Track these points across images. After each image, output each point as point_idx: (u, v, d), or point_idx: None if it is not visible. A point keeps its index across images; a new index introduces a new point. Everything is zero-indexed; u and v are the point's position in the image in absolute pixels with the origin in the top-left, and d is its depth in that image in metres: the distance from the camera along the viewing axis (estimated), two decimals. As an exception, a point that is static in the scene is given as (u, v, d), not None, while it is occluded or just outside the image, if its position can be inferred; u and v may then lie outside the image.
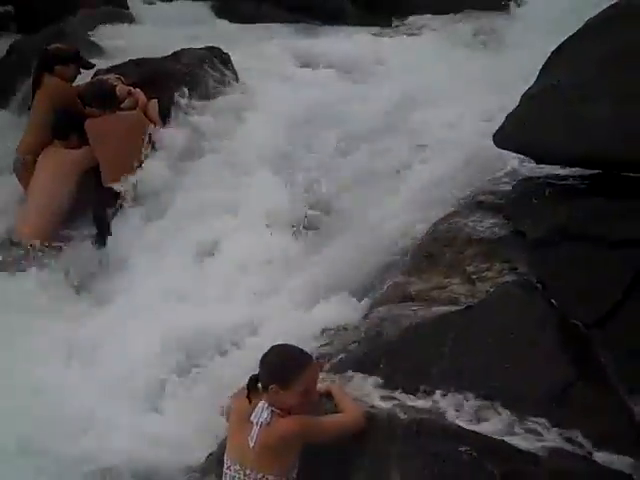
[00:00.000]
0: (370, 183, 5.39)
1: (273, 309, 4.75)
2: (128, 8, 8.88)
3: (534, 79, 4.23)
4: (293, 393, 3.17)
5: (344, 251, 4.96)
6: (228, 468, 3.25)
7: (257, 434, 3.17)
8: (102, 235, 5.90)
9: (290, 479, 3.23)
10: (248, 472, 3.18)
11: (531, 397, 3.41)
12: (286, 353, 3.26)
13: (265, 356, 3.24)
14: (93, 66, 6.51)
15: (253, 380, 3.24)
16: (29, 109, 6.35)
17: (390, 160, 5.48)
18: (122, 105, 6.04)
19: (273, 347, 3.28)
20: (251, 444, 3.17)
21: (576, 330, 3.59)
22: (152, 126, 5.97)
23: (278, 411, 3.19)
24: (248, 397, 3.24)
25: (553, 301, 3.67)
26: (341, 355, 3.83)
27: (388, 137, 5.73)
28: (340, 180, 5.55)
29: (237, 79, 6.80)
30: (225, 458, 3.30)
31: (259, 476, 3.17)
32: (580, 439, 3.24)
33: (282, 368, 3.19)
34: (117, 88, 6.07)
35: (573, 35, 4.32)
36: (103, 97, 6.00)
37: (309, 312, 4.56)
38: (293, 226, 5.36)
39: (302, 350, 3.36)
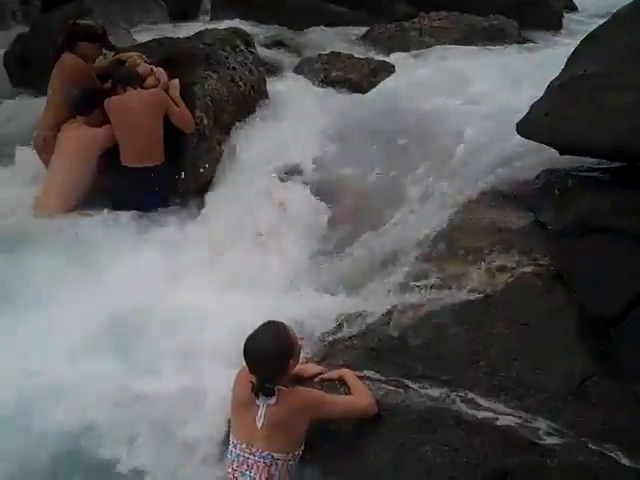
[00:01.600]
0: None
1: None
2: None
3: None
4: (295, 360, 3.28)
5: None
6: (234, 446, 3.26)
7: (264, 414, 3.17)
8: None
9: (297, 456, 3.24)
10: (254, 450, 3.20)
11: (547, 389, 3.39)
12: (275, 333, 3.25)
13: (262, 350, 3.20)
14: (117, 49, 6.50)
15: (262, 383, 3.20)
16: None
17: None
18: (144, 84, 6.02)
19: (256, 341, 3.23)
20: (259, 425, 3.17)
21: (595, 323, 3.55)
22: (174, 106, 5.94)
23: (284, 388, 3.19)
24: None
25: (572, 293, 3.63)
26: (355, 341, 3.81)
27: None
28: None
29: (259, 61, 6.76)
30: (231, 436, 3.30)
31: (265, 454, 3.18)
32: (596, 434, 3.22)
33: (287, 345, 3.23)
34: (140, 67, 6.06)
35: (602, 25, 4.25)
36: (126, 75, 5.99)
37: (324, 298, 4.56)
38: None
39: (273, 322, 3.34)
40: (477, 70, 6.87)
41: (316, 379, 3.52)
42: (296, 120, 6.42)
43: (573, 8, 10.67)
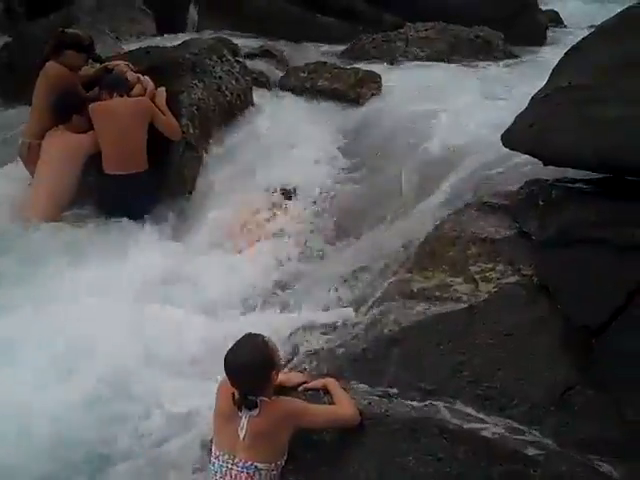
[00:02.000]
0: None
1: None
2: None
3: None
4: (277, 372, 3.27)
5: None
6: (216, 458, 3.24)
7: (246, 425, 3.16)
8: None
9: (279, 466, 3.23)
10: (237, 461, 3.18)
11: (531, 399, 3.39)
12: (255, 346, 3.23)
13: (242, 363, 3.18)
14: (103, 60, 6.49)
15: (244, 396, 3.18)
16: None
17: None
18: (131, 92, 6.01)
19: (236, 353, 3.21)
20: (241, 436, 3.16)
21: (578, 333, 3.56)
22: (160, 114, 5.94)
23: (266, 399, 3.18)
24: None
25: (556, 303, 3.65)
26: (340, 350, 3.81)
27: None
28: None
29: (246, 70, 6.77)
30: (213, 448, 3.29)
31: (248, 464, 3.16)
32: (579, 443, 3.22)
33: (270, 357, 3.21)
34: (127, 75, 6.06)
35: (586, 37, 4.30)
36: (114, 81, 5.97)
37: (307, 308, 4.57)
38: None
39: (252, 334, 3.33)
40: (461, 84, 6.96)
41: (300, 388, 3.51)
42: (281, 129, 6.44)
43: (559, 22, 10.73)
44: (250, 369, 3.16)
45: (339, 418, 3.31)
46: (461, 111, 6.18)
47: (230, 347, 3.25)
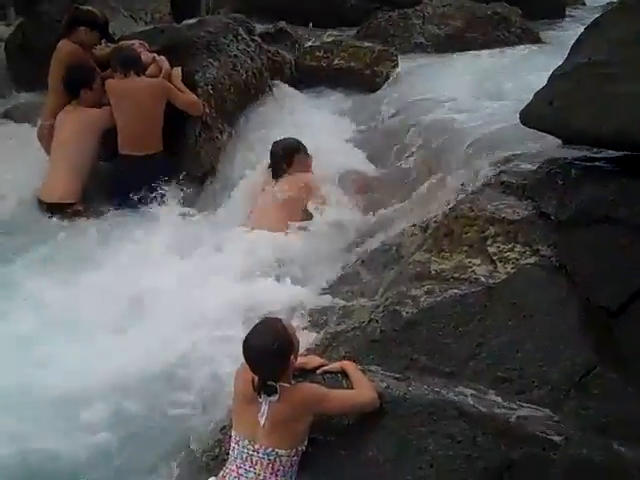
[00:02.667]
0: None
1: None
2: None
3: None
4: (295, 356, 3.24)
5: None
6: (237, 443, 3.23)
7: (267, 412, 3.15)
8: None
9: (300, 452, 3.22)
10: (257, 447, 3.17)
11: (550, 381, 3.37)
12: (273, 328, 3.22)
13: (262, 345, 3.16)
14: (115, 41, 6.46)
15: (263, 381, 3.17)
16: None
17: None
18: (146, 72, 5.99)
19: (257, 335, 3.21)
20: (262, 422, 3.15)
21: (598, 314, 3.54)
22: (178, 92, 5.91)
23: (286, 385, 3.17)
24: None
25: (575, 284, 3.61)
26: (358, 332, 3.79)
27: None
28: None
29: (261, 48, 6.72)
30: (233, 433, 3.28)
31: (269, 450, 3.15)
32: (599, 426, 3.20)
33: (287, 341, 3.18)
34: (142, 55, 6.02)
35: (606, 13, 4.21)
36: (128, 61, 5.93)
37: (325, 290, 4.56)
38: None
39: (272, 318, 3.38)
40: (481, 67, 6.90)
41: (318, 371, 3.49)
42: (298, 112, 6.41)
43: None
44: (269, 354, 3.14)
45: (359, 402, 3.29)
46: (478, 94, 6.16)
47: (248, 332, 3.24)
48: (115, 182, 6.02)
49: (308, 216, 5.40)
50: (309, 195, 5.44)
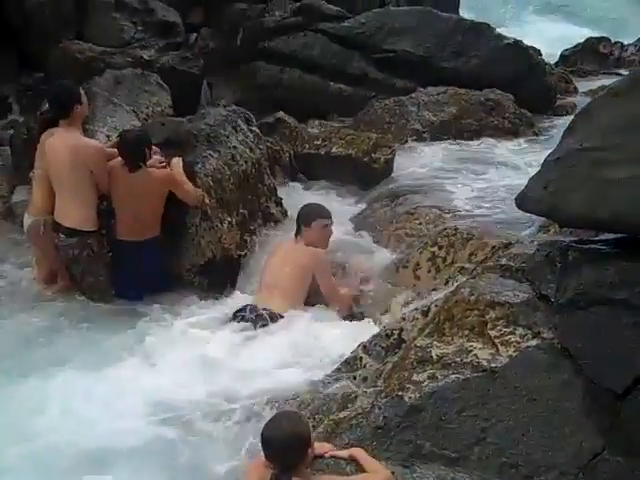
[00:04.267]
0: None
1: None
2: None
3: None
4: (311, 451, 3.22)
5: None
6: None
7: None
8: None
9: None
10: None
11: (557, 466, 3.33)
12: (293, 421, 3.27)
13: (279, 436, 3.20)
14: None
15: (283, 472, 3.18)
16: None
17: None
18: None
19: (275, 426, 3.26)
20: None
21: (603, 397, 3.51)
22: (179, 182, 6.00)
23: (298, 478, 3.14)
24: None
25: (579, 367, 3.60)
26: (361, 419, 3.76)
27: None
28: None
29: (260, 139, 6.86)
30: None
31: None
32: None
33: (304, 434, 3.19)
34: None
35: (596, 99, 4.32)
36: (135, 157, 5.88)
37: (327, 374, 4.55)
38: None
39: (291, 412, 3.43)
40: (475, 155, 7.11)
41: (326, 455, 3.46)
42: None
43: (569, 81, 10.83)
44: (291, 444, 3.18)
45: None
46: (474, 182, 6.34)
47: (266, 424, 3.28)
48: (114, 269, 6.07)
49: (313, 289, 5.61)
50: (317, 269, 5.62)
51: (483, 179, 7.04)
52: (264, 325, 5.37)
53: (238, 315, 5.52)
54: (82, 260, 5.92)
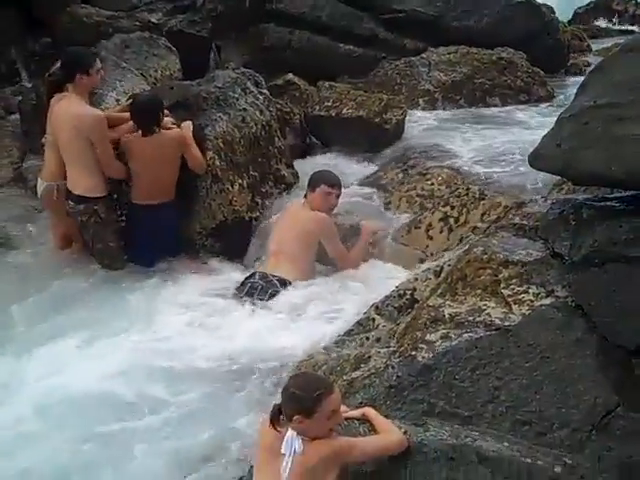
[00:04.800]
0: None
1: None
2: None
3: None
4: (317, 421, 3.13)
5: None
6: None
7: (290, 465, 3.11)
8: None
9: None
10: None
11: (571, 423, 3.33)
12: (306, 383, 3.21)
13: (286, 387, 3.21)
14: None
15: (276, 410, 3.19)
16: None
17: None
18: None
19: (292, 377, 3.31)
20: (284, 476, 3.10)
21: (616, 354, 3.50)
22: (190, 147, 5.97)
23: (307, 438, 3.14)
24: (272, 426, 3.19)
25: (592, 325, 3.59)
26: (374, 379, 3.77)
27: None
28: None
29: (270, 101, 6.82)
30: None
31: None
32: (621, 468, 3.16)
33: (303, 398, 3.12)
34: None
35: (609, 56, 4.26)
36: (148, 120, 5.86)
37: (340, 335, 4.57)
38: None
39: (321, 377, 3.43)
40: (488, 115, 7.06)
41: None
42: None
43: (582, 39, 10.71)
44: (300, 392, 3.14)
45: (386, 446, 3.25)
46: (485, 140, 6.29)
47: (291, 380, 3.30)
48: (129, 234, 6.09)
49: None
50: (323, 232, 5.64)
51: (496, 139, 6.97)
52: (275, 291, 5.39)
53: (247, 282, 5.54)
54: (90, 226, 5.94)
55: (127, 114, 6.03)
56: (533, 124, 7.41)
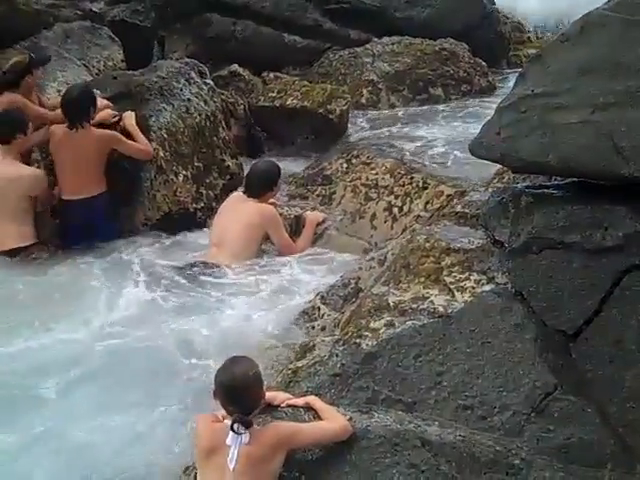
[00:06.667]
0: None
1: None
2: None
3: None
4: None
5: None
6: None
7: (236, 455, 3.12)
8: None
9: None
10: None
11: (511, 407, 3.41)
12: (247, 367, 3.25)
13: (224, 382, 3.21)
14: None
15: (238, 418, 3.16)
16: None
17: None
18: (97, 117, 5.94)
19: (229, 370, 3.25)
20: (231, 466, 3.10)
21: (555, 338, 3.59)
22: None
23: (255, 427, 3.15)
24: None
25: (532, 310, 3.66)
26: (319, 367, 3.80)
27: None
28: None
29: (214, 91, 6.78)
30: None
31: None
32: (560, 449, 3.24)
33: (256, 386, 3.21)
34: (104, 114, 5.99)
35: (547, 45, 4.34)
36: (76, 115, 5.76)
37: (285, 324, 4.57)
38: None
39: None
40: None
41: (282, 405, 3.49)
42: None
43: (522, 31, 10.83)
44: (249, 386, 3.18)
45: (331, 432, 3.28)
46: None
47: (220, 370, 3.26)
48: (62, 230, 6.02)
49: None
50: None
51: (438, 128, 7.04)
52: (216, 278, 5.36)
53: (187, 268, 5.50)
54: None
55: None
56: (474, 111, 7.49)
